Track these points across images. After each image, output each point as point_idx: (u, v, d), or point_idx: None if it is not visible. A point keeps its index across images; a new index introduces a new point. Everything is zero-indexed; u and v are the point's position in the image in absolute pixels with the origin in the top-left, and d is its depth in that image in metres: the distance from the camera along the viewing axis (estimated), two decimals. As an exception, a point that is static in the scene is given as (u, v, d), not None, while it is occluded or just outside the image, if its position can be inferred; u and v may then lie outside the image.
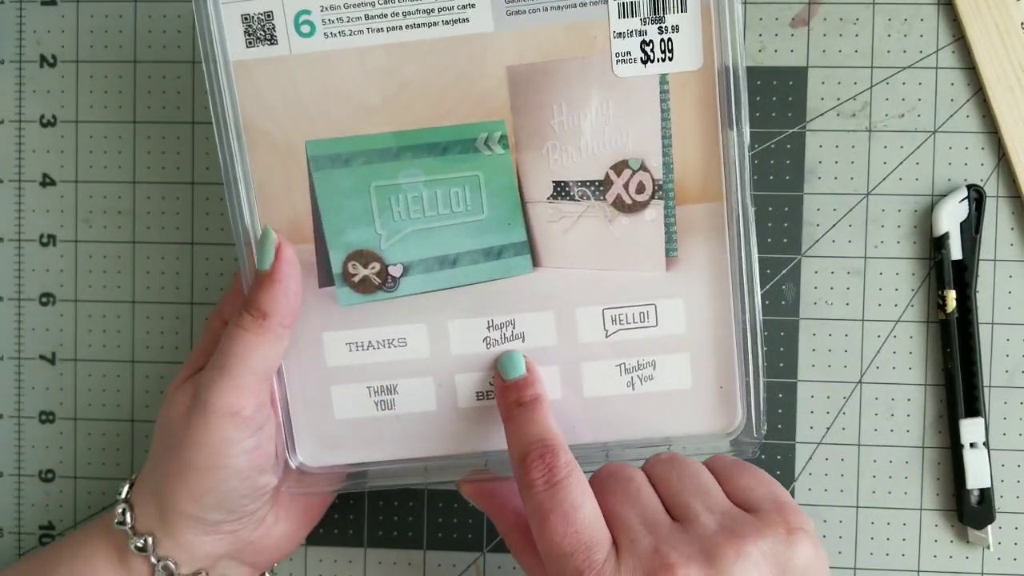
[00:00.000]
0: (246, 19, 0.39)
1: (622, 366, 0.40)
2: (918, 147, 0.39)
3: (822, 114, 0.40)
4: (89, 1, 0.47)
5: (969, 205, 0.39)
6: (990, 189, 0.39)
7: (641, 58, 0.38)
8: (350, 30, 0.39)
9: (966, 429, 0.40)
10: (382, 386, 0.42)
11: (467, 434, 0.42)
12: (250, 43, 0.39)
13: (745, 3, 0.41)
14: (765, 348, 0.42)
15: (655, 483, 0.36)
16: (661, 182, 0.39)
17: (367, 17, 0.38)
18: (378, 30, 0.38)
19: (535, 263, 0.40)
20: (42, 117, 0.47)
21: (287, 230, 0.40)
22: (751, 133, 0.36)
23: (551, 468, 0.35)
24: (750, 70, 0.37)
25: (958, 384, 0.40)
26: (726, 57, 0.37)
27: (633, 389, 0.40)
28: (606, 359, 0.40)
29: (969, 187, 0.39)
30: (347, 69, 0.39)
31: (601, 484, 0.36)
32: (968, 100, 0.39)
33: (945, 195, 0.39)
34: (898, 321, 0.40)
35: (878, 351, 0.41)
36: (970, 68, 0.39)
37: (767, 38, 0.42)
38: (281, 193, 0.40)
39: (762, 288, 0.40)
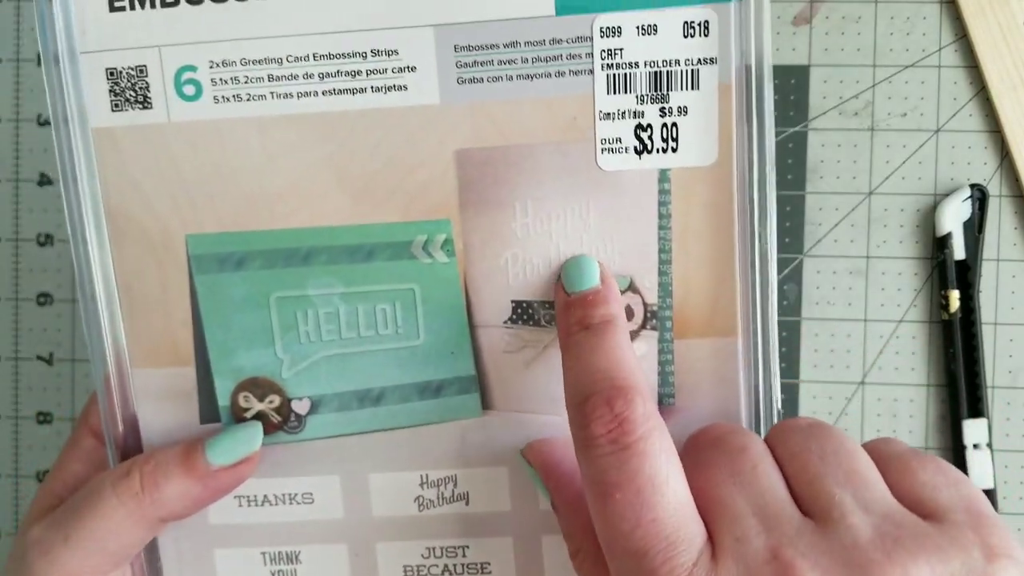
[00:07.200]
0: (112, 75, 0.29)
1: (595, 543, 0.30)
2: (921, 146, 0.39)
3: (824, 113, 0.39)
4: (89, 0, 0.44)
5: (972, 204, 0.39)
6: (993, 188, 0.39)
7: (635, 147, 0.29)
8: (248, 94, 0.29)
9: (969, 430, 0.40)
10: (280, 553, 0.32)
11: (391, 618, 0.32)
12: (117, 105, 0.29)
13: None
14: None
15: (782, 461, 0.26)
16: (655, 308, 0.30)
17: (271, 78, 0.29)
18: (285, 96, 0.29)
19: (485, 405, 0.31)
20: (39, 116, 0.45)
21: (160, 347, 0.31)
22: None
23: (622, 420, 0.25)
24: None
25: (961, 385, 0.39)
26: (750, 151, 0.28)
27: (609, 574, 0.30)
28: (575, 533, 0.30)
29: (972, 186, 0.39)
30: (243, 145, 0.29)
31: (698, 453, 0.26)
32: (971, 99, 0.39)
33: (948, 194, 0.39)
34: (900, 321, 0.40)
35: (880, 351, 0.40)
36: (973, 67, 0.39)
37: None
38: (153, 299, 0.31)
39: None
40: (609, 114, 0.28)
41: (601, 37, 0.28)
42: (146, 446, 0.31)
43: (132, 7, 0.29)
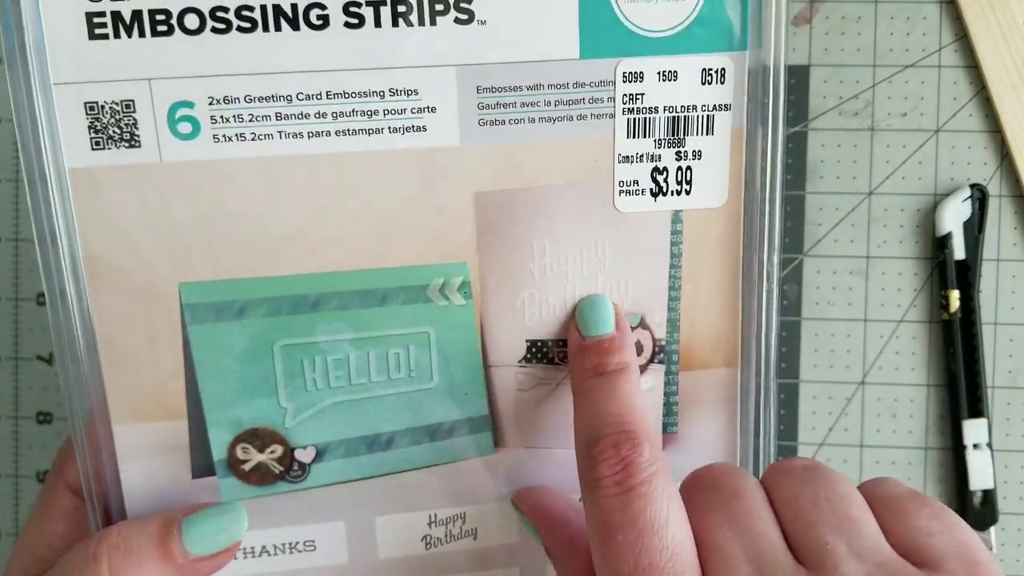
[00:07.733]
0: (92, 109, 0.26)
1: (601, 567, 0.31)
2: (921, 146, 0.39)
3: (824, 113, 0.39)
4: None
5: (972, 204, 0.39)
6: (993, 188, 0.40)
7: (651, 189, 0.29)
8: (253, 133, 0.27)
9: (969, 430, 0.39)
10: (281, 603, 0.31)
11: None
12: (98, 143, 0.26)
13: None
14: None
15: (777, 504, 0.26)
16: (664, 343, 0.31)
17: (279, 116, 0.27)
18: (295, 135, 0.27)
19: (497, 442, 0.31)
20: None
21: (147, 402, 0.28)
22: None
23: (628, 463, 0.25)
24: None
25: (961, 385, 0.39)
26: (759, 193, 0.29)
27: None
28: (581, 560, 0.31)
29: (972, 186, 0.39)
30: (246, 187, 0.27)
31: (695, 496, 0.26)
32: (971, 99, 0.39)
33: (948, 194, 0.39)
34: (901, 321, 0.40)
35: (880, 351, 0.40)
36: (973, 67, 0.39)
37: (769, 36, 0.41)
38: (140, 351, 0.28)
39: (764, 288, 0.40)
40: (628, 157, 0.29)
41: (624, 82, 0.28)
42: (129, 507, 0.29)
43: (117, 35, 0.26)
